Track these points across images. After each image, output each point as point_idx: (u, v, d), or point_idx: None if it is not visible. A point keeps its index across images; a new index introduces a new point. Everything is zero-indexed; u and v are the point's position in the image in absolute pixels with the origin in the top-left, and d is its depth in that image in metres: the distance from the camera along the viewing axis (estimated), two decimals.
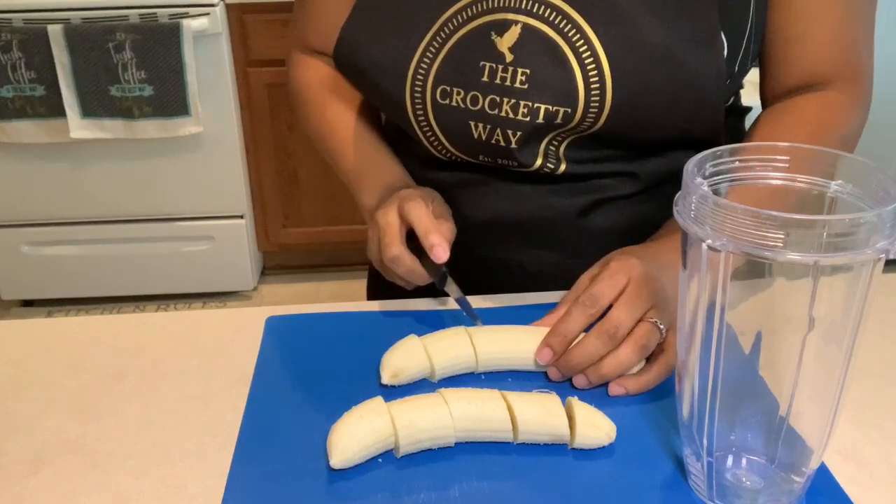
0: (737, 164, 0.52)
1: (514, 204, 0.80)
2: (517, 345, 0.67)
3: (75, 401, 0.66)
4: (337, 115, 0.88)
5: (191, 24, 2.07)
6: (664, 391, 0.64)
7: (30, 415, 0.64)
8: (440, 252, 0.69)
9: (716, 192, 0.50)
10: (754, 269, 0.47)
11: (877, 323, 0.74)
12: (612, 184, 0.79)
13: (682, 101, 0.72)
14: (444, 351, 0.66)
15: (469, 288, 0.75)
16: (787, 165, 0.52)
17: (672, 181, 0.80)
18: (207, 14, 2.11)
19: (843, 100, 0.77)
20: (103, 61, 2.07)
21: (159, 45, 2.07)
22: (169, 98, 2.13)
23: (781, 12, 0.75)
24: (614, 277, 0.66)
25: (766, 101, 0.82)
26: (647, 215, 0.80)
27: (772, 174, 0.52)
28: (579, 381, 0.65)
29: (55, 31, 2.03)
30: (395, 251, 0.71)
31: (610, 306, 0.65)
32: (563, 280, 0.75)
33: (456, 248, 0.78)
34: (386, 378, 0.65)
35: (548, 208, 0.80)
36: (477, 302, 0.76)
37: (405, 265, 0.72)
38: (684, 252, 0.50)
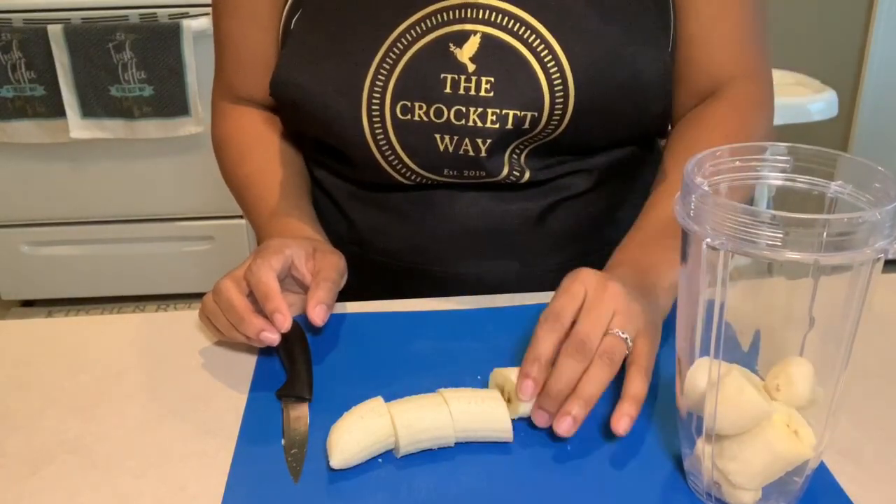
0: (737, 164, 0.52)
1: (475, 216, 0.80)
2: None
3: (75, 401, 0.66)
4: (253, 169, 0.86)
5: (191, 24, 2.07)
6: (664, 391, 0.64)
7: (30, 415, 0.64)
8: (281, 321, 0.64)
9: (715, 192, 0.50)
10: (754, 268, 0.47)
11: (877, 323, 0.74)
12: (567, 183, 0.80)
13: (635, 100, 0.74)
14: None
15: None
16: (787, 165, 0.52)
17: (619, 176, 0.83)
18: (207, 14, 2.10)
19: (751, 99, 0.80)
20: (103, 61, 2.07)
21: (159, 45, 2.06)
22: (169, 98, 2.12)
23: (686, 17, 0.78)
24: (570, 290, 0.61)
25: (675, 107, 0.83)
26: (597, 214, 0.83)
27: (772, 174, 0.52)
28: (562, 425, 0.57)
29: (55, 31, 2.03)
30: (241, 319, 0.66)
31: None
32: (522, 291, 0.77)
33: (411, 267, 0.79)
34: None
35: (508, 216, 0.80)
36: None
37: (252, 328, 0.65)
38: (684, 250, 0.50)
